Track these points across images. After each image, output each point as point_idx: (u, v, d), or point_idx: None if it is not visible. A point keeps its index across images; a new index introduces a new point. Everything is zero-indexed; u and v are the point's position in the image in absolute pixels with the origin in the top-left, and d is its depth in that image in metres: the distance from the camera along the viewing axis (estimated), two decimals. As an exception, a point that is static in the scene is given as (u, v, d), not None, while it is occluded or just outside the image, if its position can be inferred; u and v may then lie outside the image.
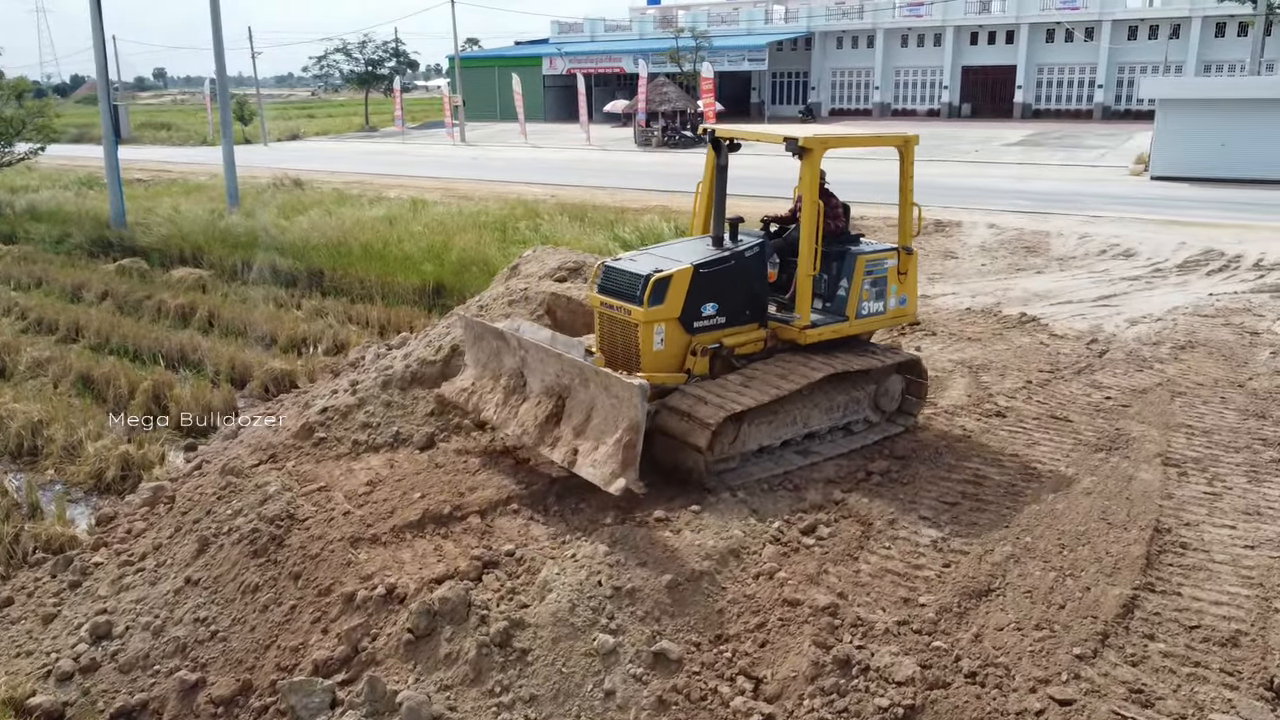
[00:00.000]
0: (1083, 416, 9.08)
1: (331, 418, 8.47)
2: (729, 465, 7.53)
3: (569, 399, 7.28)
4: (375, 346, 10.67)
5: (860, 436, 8.36)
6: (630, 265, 7.76)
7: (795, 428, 7.97)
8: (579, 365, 7.18)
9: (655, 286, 7.39)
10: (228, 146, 26.28)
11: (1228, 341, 11.77)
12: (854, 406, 8.39)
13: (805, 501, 7.23)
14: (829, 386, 7.97)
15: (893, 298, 8.57)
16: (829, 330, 8.18)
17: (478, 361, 8.30)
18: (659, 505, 7.03)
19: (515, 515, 7.08)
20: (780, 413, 7.75)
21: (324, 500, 7.31)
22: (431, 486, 7.40)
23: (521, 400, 7.68)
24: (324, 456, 8.10)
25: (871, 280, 8.36)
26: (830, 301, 8.42)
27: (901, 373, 8.67)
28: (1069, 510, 7.04)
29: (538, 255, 11.71)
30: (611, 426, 6.79)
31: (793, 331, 8.06)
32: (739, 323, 7.95)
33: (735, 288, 7.85)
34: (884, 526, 6.85)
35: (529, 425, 7.40)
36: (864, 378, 8.27)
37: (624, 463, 6.60)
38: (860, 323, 8.41)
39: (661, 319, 7.51)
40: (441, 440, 8.37)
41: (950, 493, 7.41)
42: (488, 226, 21.36)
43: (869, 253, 8.40)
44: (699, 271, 7.56)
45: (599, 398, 6.96)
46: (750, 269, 7.93)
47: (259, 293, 17.98)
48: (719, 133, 8.27)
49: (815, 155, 7.83)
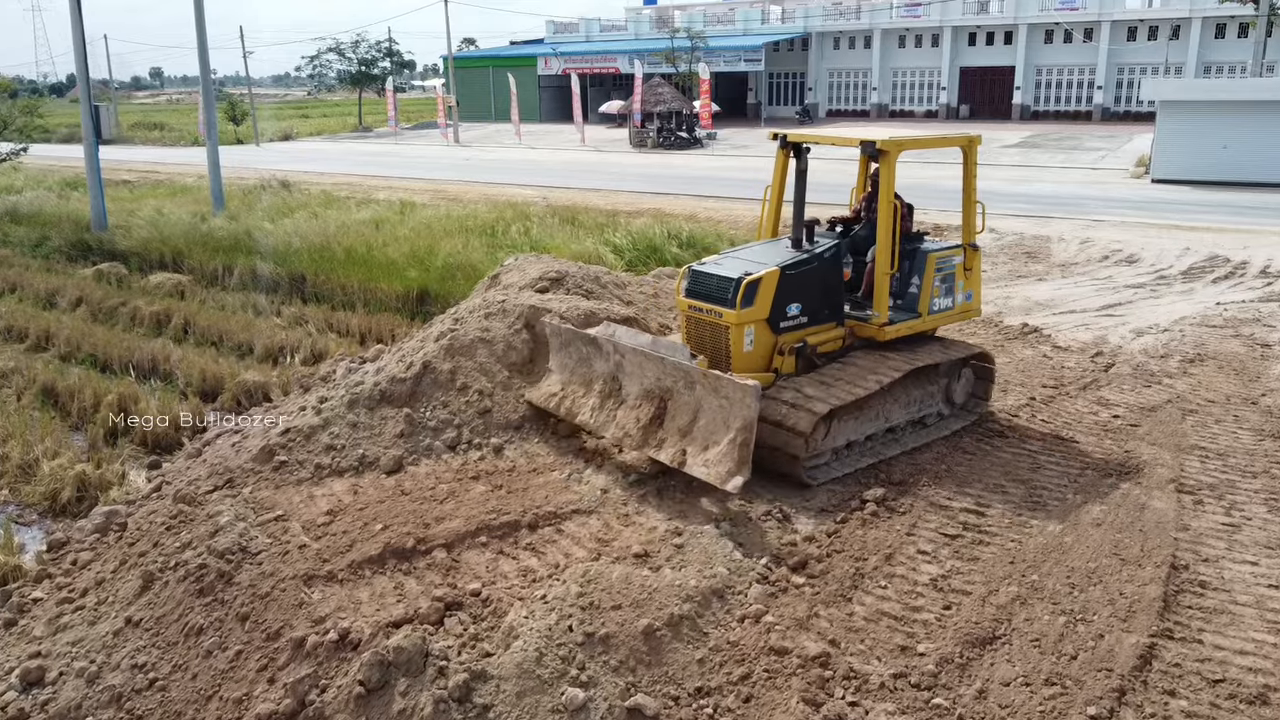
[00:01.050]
0: (1090, 437, 8.60)
1: (294, 439, 7.97)
2: (820, 460, 7.69)
3: (671, 401, 7.43)
4: (347, 360, 10.17)
5: (934, 429, 8.58)
6: (718, 269, 7.98)
7: (878, 422, 8.17)
8: (684, 368, 7.30)
9: (747, 289, 7.61)
10: (212, 148, 25.79)
11: (1238, 354, 11.30)
12: (929, 400, 8.64)
13: (796, 533, 6.75)
14: (908, 381, 8.19)
15: (960, 293, 8.87)
16: (905, 326, 8.46)
17: (564, 367, 8.46)
18: (637, 541, 6.55)
19: (484, 549, 6.59)
20: (866, 408, 7.93)
21: (280, 531, 6.83)
22: (395, 516, 6.91)
23: (618, 404, 7.81)
24: (284, 482, 7.60)
25: (941, 277, 8.64)
26: (902, 299, 8.64)
27: (970, 365, 8.95)
28: (1078, 544, 6.56)
29: (519, 264, 11.22)
30: (722, 426, 6.95)
31: (871, 329, 8.33)
32: (819, 322, 8.20)
33: (816, 288, 8.11)
34: (879, 562, 6.37)
35: (630, 429, 7.55)
36: (937, 371, 8.55)
37: (739, 461, 6.75)
38: (932, 318, 8.69)
39: (751, 320, 7.74)
40: (410, 463, 7.89)
41: (951, 523, 6.92)
42: (476, 230, 20.86)
43: (938, 250, 8.68)
44: (785, 273, 7.83)
45: (706, 399, 7.13)
46: (829, 269, 8.19)
47: (238, 299, 17.48)
48: (791, 138, 8.55)
49: (891, 157, 8.11)
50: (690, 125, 47.24)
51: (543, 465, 7.91)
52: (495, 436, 8.26)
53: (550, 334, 8.66)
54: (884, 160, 8.12)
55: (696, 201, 27.16)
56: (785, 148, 8.64)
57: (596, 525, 6.90)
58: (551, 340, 8.64)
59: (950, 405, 8.87)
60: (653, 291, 11.24)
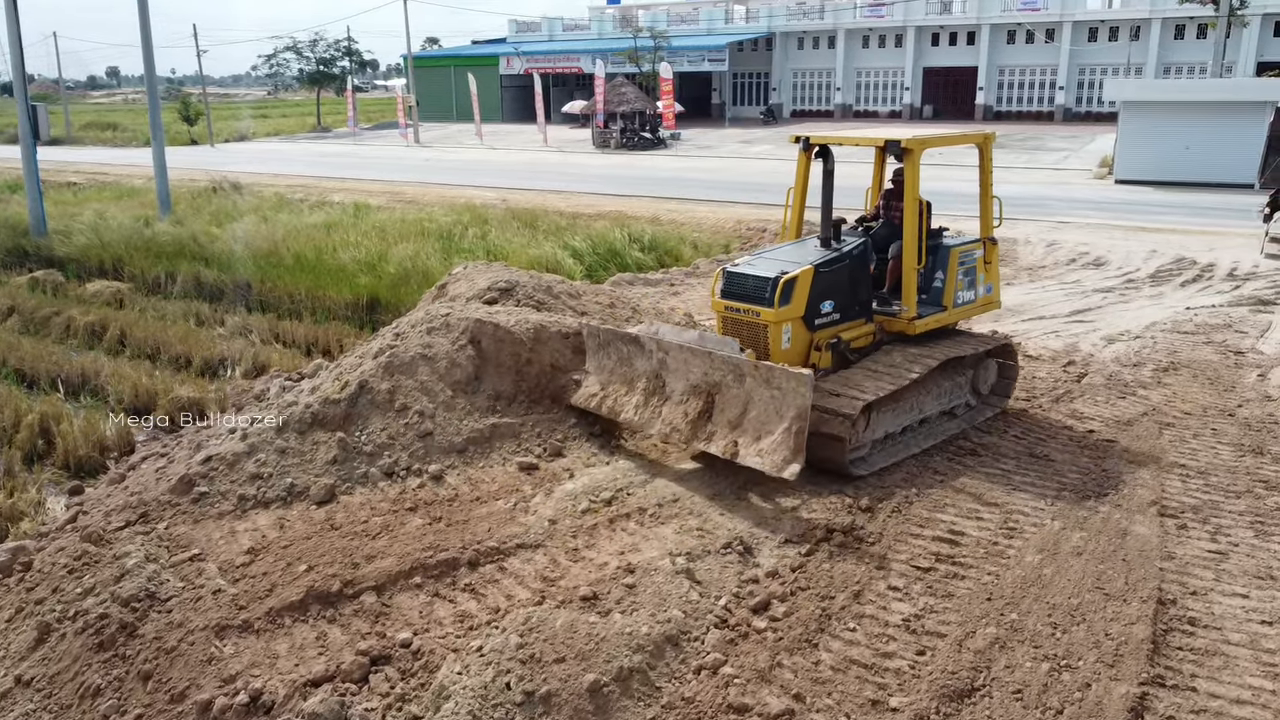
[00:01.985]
0: (1065, 454, 8.20)
1: (216, 468, 7.35)
2: (860, 453, 7.77)
3: (719, 395, 7.53)
4: (281, 378, 9.54)
5: (963, 419, 8.79)
6: (752, 269, 8.12)
7: (913, 414, 8.33)
8: (734, 361, 7.41)
9: (784, 287, 7.78)
10: (158, 149, 24.89)
11: (1212, 362, 10.99)
12: (957, 391, 8.84)
13: (759, 567, 6.26)
14: (938, 373, 8.36)
15: (981, 286, 9.10)
16: (933, 320, 8.69)
17: (603, 369, 8.50)
18: (585, 580, 6.02)
19: (418, 591, 6.03)
20: (901, 400, 8.08)
21: (195, 573, 6.22)
22: (322, 555, 6.33)
23: (663, 401, 7.89)
24: (204, 515, 6.98)
25: (964, 270, 8.85)
26: (927, 293, 8.79)
27: (994, 357, 9.20)
28: (1059, 577, 6.12)
29: (468, 273, 10.63)
30: (775, 416, 7.08)
31: (901, 323, 8.55)
32: (851, 318, 8.43)
33: (847, 285, 8.31)
34: (848, 601, 5.89)
35: (678, 423, 7.64)
36: (964, 363, 8.76)
37: (794, 449, 6.86)
38: (957, 311, 8.93)
39: (789, 318, 7.92)
40: (344, 493, 7.30)
41: (923, 554, 6.46)
42: (432, 234, 20.22)
43: (960, 245, 8.89)
44: (819, 271, 8.00)
45: (757, 391, 7.23)
46: (858, 266, 8.39)
47: (180, 308, 16.70)
48: (814, 139, 8.60)
49: (915, 156, 8.28)
50: (654, 126, 46.75)
51: (487, 493, 7.36)
52: (436, 462, 7.69)
53: (587, 336, 8.67)
54: (908, 159, 8.29)
55: (659, 203, 26.68)
56: (806, 150, 8.72)
57: (543, 561, 6.37)
58: (589, 342, 8.66)
59: (976, 396, 9.12)
60: (608, 302, 10.71)
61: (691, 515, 6.99)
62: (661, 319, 11.17)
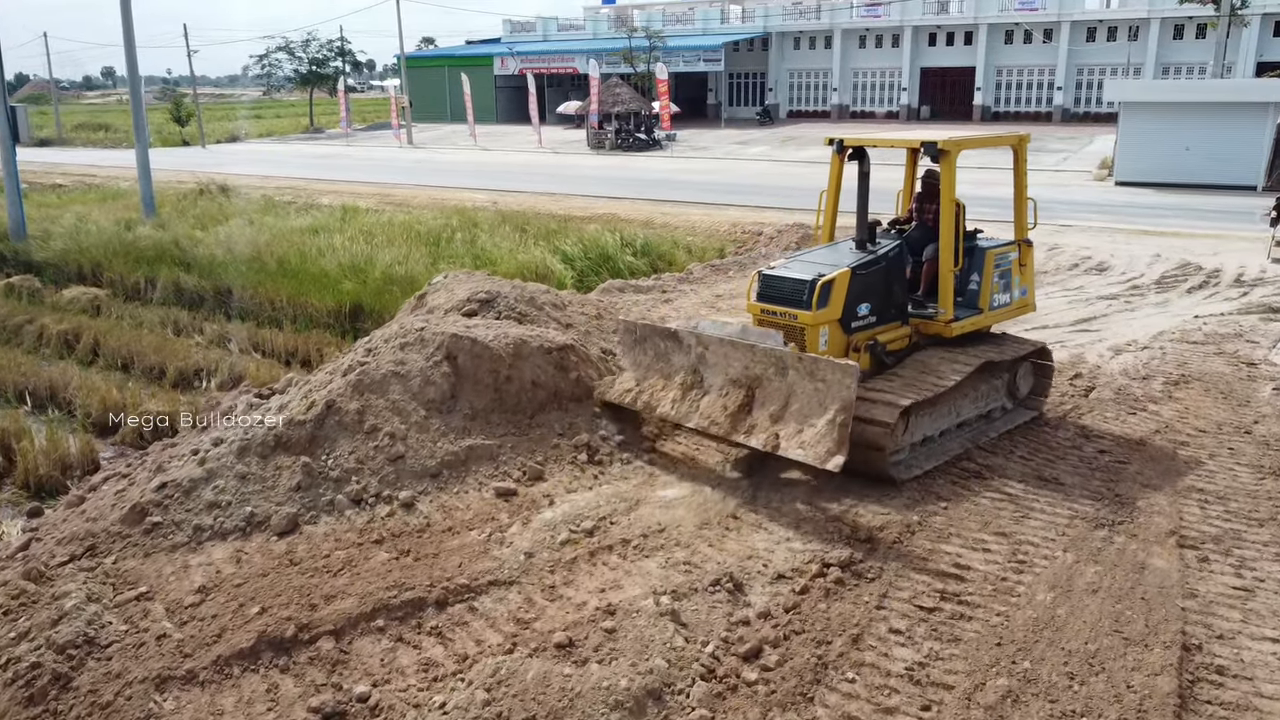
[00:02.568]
0: (1075, 477, 7.74)
1: (171, 495, 6.88)
2: (899, 456, 7.71)
3: (759, 388, 7.52)
4: (250, 393, 9.07)
5: (1001, 422, 8.73)
6: (789, 272, 8.06)
7: (950, 417, 8.30)
8: (777, 353, 7.40)
9: (821, 290, 7.72)
10: (141, 150, 24.41)
11: (1224, 375, 10.55)
12: (994, 394, 8.80)
13: (750, 607, 5.80)
14: (976, 376, 8.30)
15: (1016, 289, 9.01)
16: (969, 323, 8.60)
17: (638, 364, 8.49)
18: (561, 623, 5.56)
19: (380, 635, 5.56)
20: (940, 403, 8.04)
21: (140, 615, 5.76)
22: (278, 595, 5.86)
23: (701, 394, 7.86)
24: (156, 548, 6.51)
25: (1000, 273, 8.76)
26: (963, 296, 8.70)
27: (1030, 360, 9.09)
28: (1073, 618, 5.67)
29: (448, 283, 10.15)
30: (818, 409, 7.06)
31: (937, 326, 8.47)
32: (887, 321, 8.35)
33: (883, 287, 8.25)
34: (845, 646, 5.43)
35: (717, 416, 7.59)
36: (1001, 366, 8.68)
37: (839, 441, 6.82)
38: (993, 314, 8.83)
39: (826, 321, 7.83)
40: (308, 522, 6.83)
41: (926, 591, 6.01)
42: (420, 239, 19.74)
43: (996, 247, 8.79)
44: (856, 273, 7.93)
45: (800, 384, 7.23)
46: (894, 269, 8.33)
47: (159, 315, 16.24)
48: (848, 141, 8.56)
49: (952, 157, 8.22)
50: (649, 126, 46.29)
51: (460, 522, 6.89)
52: (407, 487, 7.22)
53: (624, 331, 8.69)
54: (945, 160, 8.21)
55: (653, 206, 26.21)
56: (840, 152, 8.67)
57: (516, 601, 5.91)
58: (624, 338, 8.68)
59: (1013, 399, 9.04)
60: (595, 312, 10.24)
61: (678, 547, 6.53)
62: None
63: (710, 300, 14.77)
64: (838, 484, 7.55)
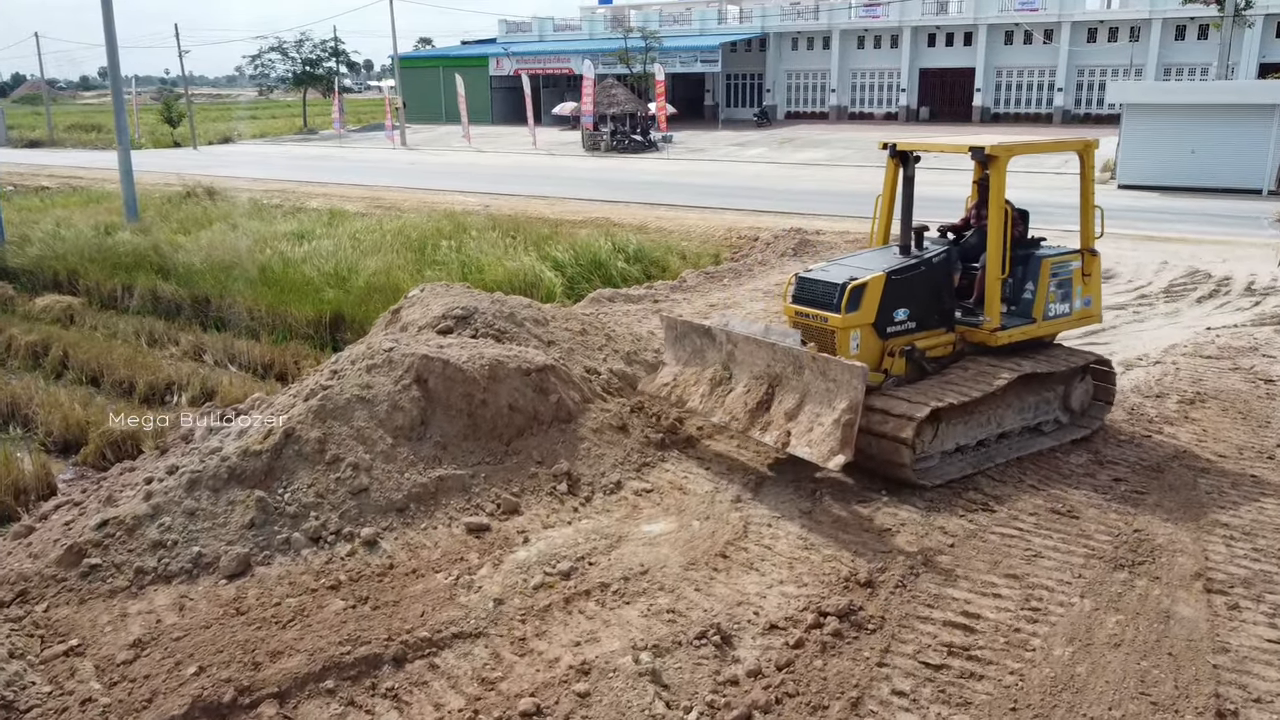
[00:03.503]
0: (1090, 510, 7.21)
1: (113, 534, 6.34)
2: (928, 463, 7.64)
3: (779, 386, 7.61)
4: (211, 415, 8.53)
5: (1051, 437, 8.48)
6: (824, 275, 8.07)
7: (989, 427, 8.12)
8: (794, 352, 7.46)
9: (851, 294, 7.68)
10: (124, 152, 23.85)
11: (1241, 393, 10.03)
12: (1045, 407, 8.56)
13: (739, 664, 5.27)
14: (1020, 387, 8.13)
15: (1078, 299, 8.77)
16: (1018, 332, 8.40)
17: (678, 359, 8.69)
18: (530, 685, 5.03)
19: (329, 699, 5.03)
20: (975, 413, 7.91)
21: (67, 673, 5.23)
22: (219, 651, 5.32)
23: (728, 390, 8.00)
24: (93, 594, 5.98)
25: (1057, 282, 8.53)
26: (1016, 304, 8.59)
27: (1088, 374, 8.83)
28: (1095, 678, 5.14)
29: (423, 297, 9.61)
30: (828, 408, 7.10)
31: (982, 334, 8.31)
32: (928, 327, 8.22)
33: (925, 293, 8.13)
34: (844, 712, 4.90)
35: (737, 412, 7.74)
36: (1053, 378, 8.43)
37: (843, 440, 6.86)
38: (1048, 324, 8.63)
39: (857, 325, 7.78)
40: (261, 563, 6.29)
41: (932, 645, 5.47)
42: (407, 245, 19.19)
43: (1053, 255, 8.60)
44: (891, 278, 7.84)
45: (814, 383, 7.29)
46: (938, 275, 8.22)
47: (134, 325, 15.68)
48: (901, 145, 8.59)
49: (1002, 162, 8.08)
50: (645, 128, 45.76)
51: (426, 562, 6.36)
52: (371, 523, 6.69)
53: (666, 327, 8.90)
54: (994, 166, 8.07)
55: (648, 210, 25.69)
56: (895, 156, 8.64)
57: (483, 656, 5.38)
58: (667, 333, 8.87)
59: (1069, 413, 8.75)
60: (580, 328, 9.70)
61: (662, 592, 6.00)
62: (639, 344, 10.19)
63: (703, 310, 14.24)
64: (834, 517, 7.05)
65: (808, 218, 23.36)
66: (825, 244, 19.68)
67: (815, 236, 20.51)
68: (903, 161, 8.58)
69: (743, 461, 8.15)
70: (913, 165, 8.53)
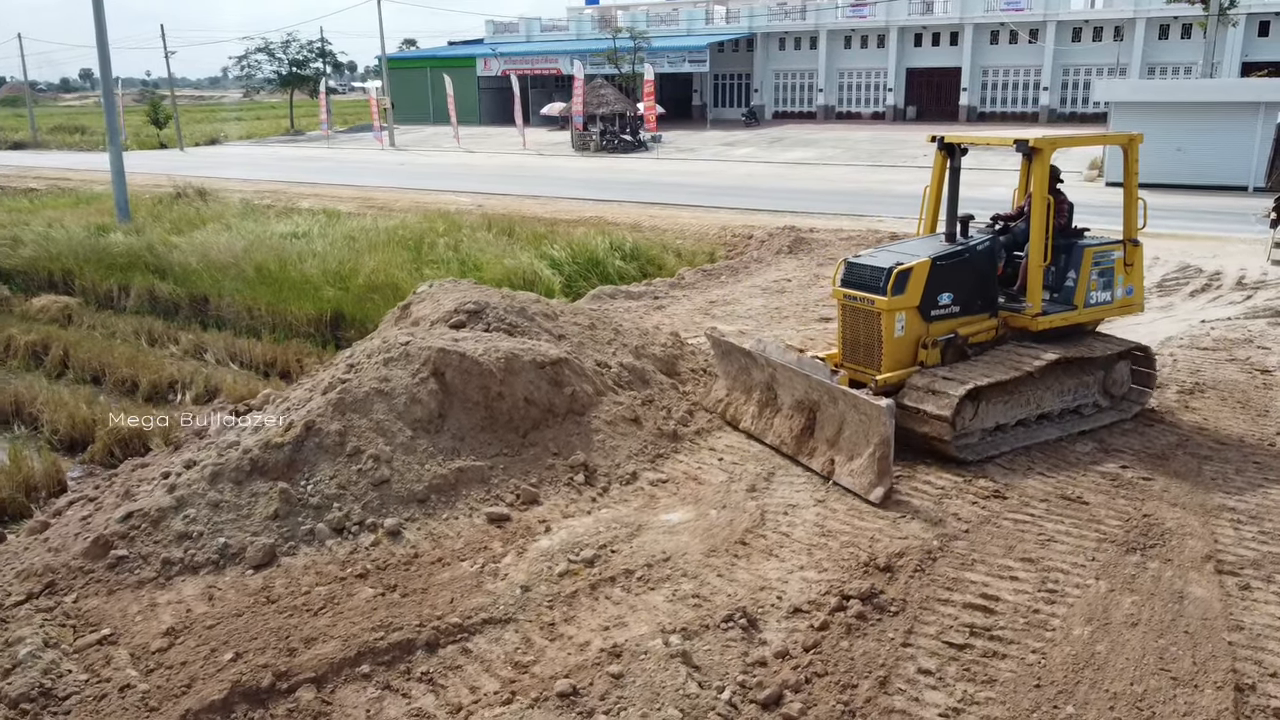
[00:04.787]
0: (1100, 496, 7.35)
1: (138, 526, 6.39)
2: (969, 440, 7.98)
3: (819, 413, 7.90)
4: (224, 411, 8.57)
5: (1091, 419, 8.76)
6: (872, 260, 8.41)
7: (1029, 408, 8.41)
8: (826, 385, 7.76)
9: (898, 278, 8.01)
10: (115, 154, 23.77)
11: (1239, 383, 10.21)
12: (1083, 390, 8.83)
13: (766, 646, 5.37)
14: (1060, 371, 8.45)
15: (1119, 288, 9.03)
16: (1059, 318, 8.68)
17: (728, 374, 9.11)
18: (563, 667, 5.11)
19: (366, 683, 5.10)
20: (1015, 393, 8.22)
21: (102, 661, 5.28)
22: (254, 637, 5.39)
23: (775, 413, 8.37)
24: (121, 584, 6.03)
25: (1099, 271, 8.81)
26: (1058, 292, 8.86)
27: (1128, 360, 9.09)
28: (1114, 655, 5.27)
29: (433, 292, 9.67)
30: (863, 441, 7.37)
31: (1024, 319, 8.62)
32: (971, 312, 8.53)
33: (968, 279, 8.45)
34: (873, 690, 5.01)
35: (786, 437, 8.11)
36: (1092, 364, 8.73)
37: (880, 473, 7.18)
38: (1089, 311, 8.90)
39: (902, 307, 8.12)
40: (286, 554, 6.35)
41: (955, 626, 5.59)
42: (403, 243, 19.22)
43: (1096, 245, 8.88)
44: (936, 264, 8.18)
45: (849, 414, 7.55)
46: (982, 262, 8.53)
47: (132, 324, 15.66)
48: (948, 139, 8.99)
49: (1045, 155, 8.35)
50: (634, 128, 45.86)
51: (450, 552, 6.43)
52: (393, 514, 6.75)
53: (712, 343, 9.35)
54: (1037, 158, 8.37)
55: (640, 209, 25.77)
56: (943, 149, 8.98)
57: (514, 640, 5.46)
58: (714, 348, 9.33)
59: (1108, 398, 9.02)
60: (588, 323, 9.77)
61: (685, 578, 6.09)
62: (646, 338, 10.27)
63: (704, 306, 14.36)
64: (849, 505, 7.17)
65: (800, 216, 23.50)
66: (820, 241, 19.82)
67: (809, 234, 20.63)
68: (949, 154, 8.93)
69: (754, 453, 8.24)
70: (959, 157, 8.89)
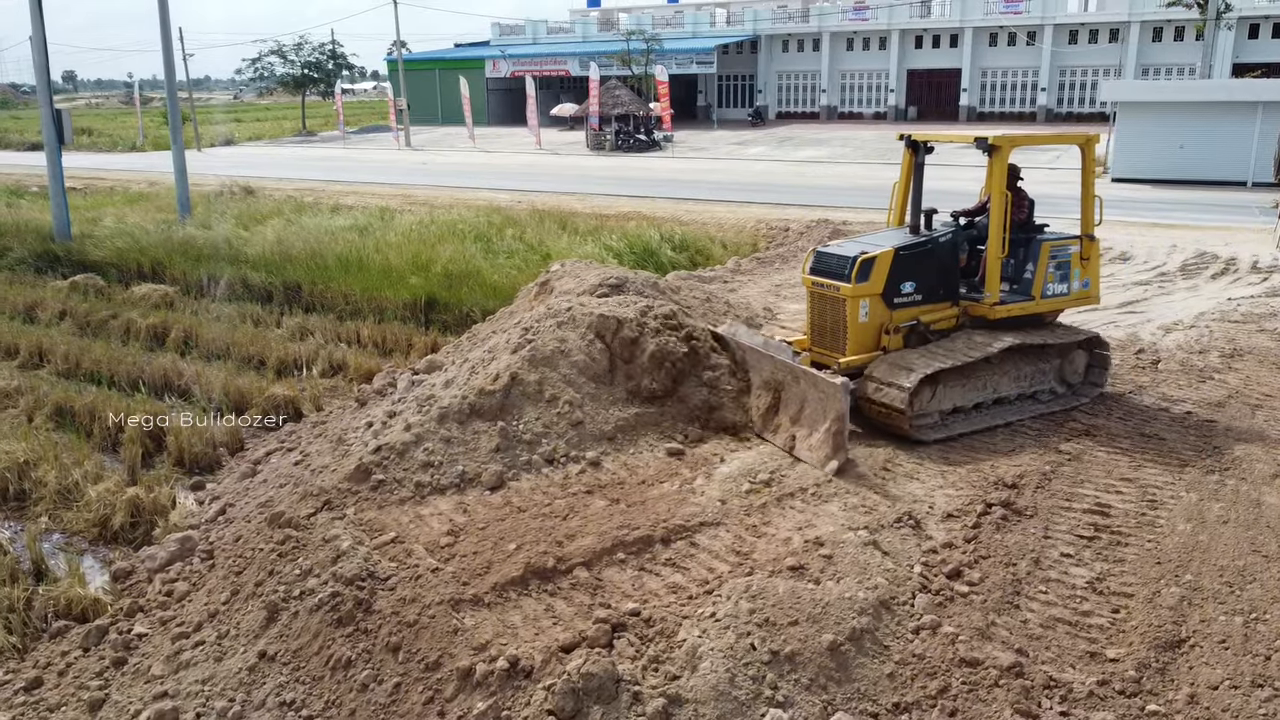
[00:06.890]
0: (1173, 433, 8.71)
1: (388, 457, 7.64)
2: (928, 420, 8.50)
3: (784, 392, 8.38)
4: (406, 373, 9.80)
5: (1046, 405, 9.25)
6: (839, 249, 9.01)
7: (986, 392, 8.93)
8: (789, 365, 8.32)
9: (861, 265, 8.55)
10: (178, 152, 24.88)
11: (1271, 349, 11.58)
12: (1040, 377, 9.34)
13: (933, 539, 6.67)
14: (1017, 357, 8.96)
15: (1076, 280, 9.54)
16: (1016, 307, 9.21)
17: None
18: (778, 553, 6.40)
19: (623, 566, 6.37)
20: (971, 377, 8.71)
21: (402, 555, 6.52)
22: (524, 535, 6.65)
23: (747, 390, 8.83)
24: (385, 502, 7.27)
25: (1056, 264, 9.32)
26: (1017, 283, 9.41)
27: (1083, 349, 9.58)
28: (1215, 543, 6.60)
29: (570, 270, 10.96)
30: (821, 417, 7.84)
31: (983, 308, 9.13)
32: (934, 300, 9.05)
33: (931, 269, 8.97)
34: (1030, 567, 6.33)
35: (754, 414, 8.62)
36: (1047, 351, 9.25)
37: (835, 448, 7.67)
38: (1046, 302, 9.40)
39: (866, 294, 8.64)
40: (511, 479, 7.61)
41: (1081, 525, 6.92)
42: (466, 235, 20.45)
43: (1053, 239, 9.43)
44: (899, 253, 8.72)
45: (809, 392, 8.04)
46: (944, 253, 9.07)
47: (232, 310, 16.83)
48: (914, 136, 9.56)
49: (1004, 152, 8.92)
50: (649, 128, 47.16)
51: (649, 477, 7.71)
52: (590, 449, 8.03)
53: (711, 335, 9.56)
54: (996, 156, 8.94)
55: (675, 204, 27.08)
56: (909, 146, 9.58)
57: (729, 537, 6.74)
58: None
59: (1064, 385, 9.53)
60: (704, 297, 11.09)
61: (850, 494, 7.39)
62: (748, 310, 11.56)
63: (771, 289, 15.67)
64: (964, 445, 8.47)
65: (828, 210, 24.88)
66: (857, 233, 21.14)
67: (844, 226, 21.99)
68: (915, 151, 9.47)
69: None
70: (923, 154, 9.46)
